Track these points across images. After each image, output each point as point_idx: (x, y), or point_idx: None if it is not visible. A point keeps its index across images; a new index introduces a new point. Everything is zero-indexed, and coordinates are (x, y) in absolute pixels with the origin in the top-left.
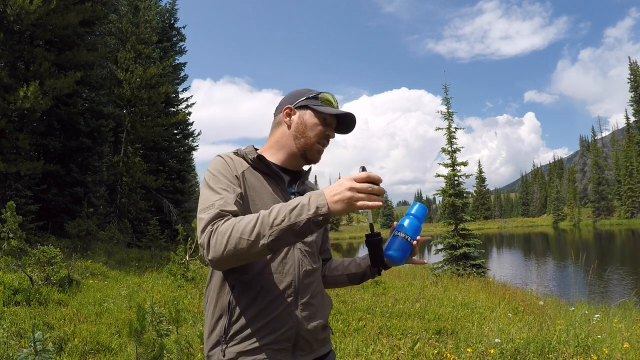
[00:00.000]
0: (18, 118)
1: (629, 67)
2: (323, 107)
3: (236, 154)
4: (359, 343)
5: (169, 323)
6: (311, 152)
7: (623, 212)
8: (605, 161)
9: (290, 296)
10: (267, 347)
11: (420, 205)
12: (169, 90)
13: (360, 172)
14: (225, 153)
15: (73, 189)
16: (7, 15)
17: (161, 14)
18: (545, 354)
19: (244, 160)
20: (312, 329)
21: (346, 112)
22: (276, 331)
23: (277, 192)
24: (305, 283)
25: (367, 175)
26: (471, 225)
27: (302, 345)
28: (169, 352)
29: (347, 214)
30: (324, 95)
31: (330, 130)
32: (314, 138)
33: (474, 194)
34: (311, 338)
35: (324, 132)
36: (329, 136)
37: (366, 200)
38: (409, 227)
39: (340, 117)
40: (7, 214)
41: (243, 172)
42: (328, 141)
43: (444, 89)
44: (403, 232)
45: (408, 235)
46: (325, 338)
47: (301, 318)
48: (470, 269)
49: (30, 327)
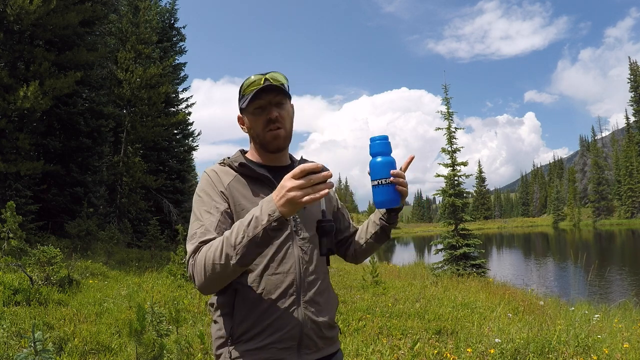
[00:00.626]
0: (18, 118)
1: (629, 67)
2: (245, 99)
3: (222, 164)
4: (359, 343)
5: (169, 323)
6: (268, 143)
7: (623, 212)
8: (605, 161)
9: (292, 295)
10: (272, 346)
11: (373, 139)
12: (169, 90)
13: (295, 168)
14: (211, 167)
15: (73, 189)
16: (7, 15)
17: (161, 14)
18: (545, 354)
19: (230, 169)
20: (316, 327)
21: (261, 87)
22: (280, 330)
23: (267, 192)
24: (309, 280)
25: (301, 169)
26: (471, 225)
27: (307, 343)
28: (169, 352)
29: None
30: (245, 85)
31: (269, 111)
32: (261, 130)
33: (474, 194)
34: (316, 336)
35: (264, 119)
36: (270, 119)
37: (310, 194)
38: (375, 169)
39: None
40: (7, 214)
41: (229, 183)
42: (275, 122)
43: (444, 89)
44: (374, 179)
45: (378, 180)
46: (332, 337)
47: (305, 316)
48: (470, 269)
49: (30, 327)
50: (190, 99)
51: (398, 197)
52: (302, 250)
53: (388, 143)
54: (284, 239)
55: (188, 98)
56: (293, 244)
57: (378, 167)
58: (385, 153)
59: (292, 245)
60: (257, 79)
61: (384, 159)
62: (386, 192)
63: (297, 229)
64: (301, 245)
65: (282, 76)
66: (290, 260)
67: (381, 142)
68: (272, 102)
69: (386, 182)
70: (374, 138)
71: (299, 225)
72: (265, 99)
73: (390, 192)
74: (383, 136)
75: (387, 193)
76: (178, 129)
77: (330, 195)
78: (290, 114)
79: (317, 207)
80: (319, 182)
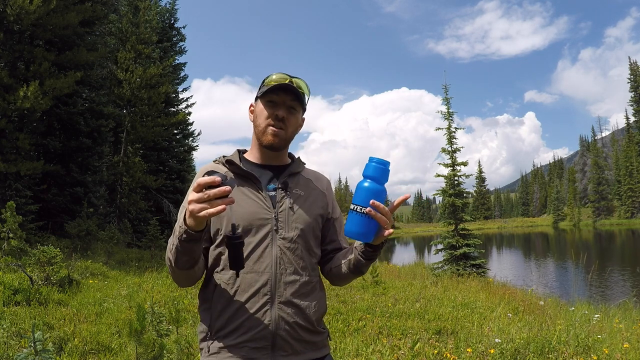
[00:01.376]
0: (18, 118)
1: (629, 67)
2: (266, 89)
3: (216, 161)
4: (359, 343)
5: (169, 323)
6: (264, 136)
7: (623, 212)
8: (605, 161)
9: (266, 294)
10: (244, 344)
11: (371, 159)
12: (169, 90)
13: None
14: (207, 164)
15: (73, 189)
16: (7, 15)
17: (161, 14)
18: (545, 354)
19: (222, 166)
20: (291, 329)
21: (283, 84)
22: (251, 330)
23: (252, 192)
24: (287, 281)
25: (197, 183)
26: (471, 225)
27: (282, 345)
28: (169, 352)
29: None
30: (269, 78)
31: (278, 109)
32: (263, 123)
33: (474, 194)
34: (292, 339)
35: (271, 113)
36: (277, 116)
37: (208, 208)
38: (358, 193)
39: (285, 91)
40: (7, 214)
41: None
42: (281, 121)
43: (444, 89)
44: (353, 203)
45: (355, 205)
46: (316, 342)
47: (278, 317)
48: (470, 269)
49: (30, 327)
50: (190, 99)
51: (370, 232)
52: (281, 250)
53: (386, 170)
54: (262, 237)
55: (188, 98)
56: (272, 244)
57: (360, 192)
58: (376, 179)
59: (271, 244)
60: (283, 77)
61: (371, 186)
62: (358, 222)
63: (277, 228)
64: (281, 245)
65: (306, 86)
66: (267, 260)
67: (377, 166)
68: (286, 103)
69: (361, 210)
70: (373, 158)
71: (281, 224)
72: (282, 97)
73: (363, 223)
74: (383, 160)
75: (358, 223)
76: (178, 129)
77: (325, 202)
78: (297, 123)
79: (309, 204)
80: (219, 197)
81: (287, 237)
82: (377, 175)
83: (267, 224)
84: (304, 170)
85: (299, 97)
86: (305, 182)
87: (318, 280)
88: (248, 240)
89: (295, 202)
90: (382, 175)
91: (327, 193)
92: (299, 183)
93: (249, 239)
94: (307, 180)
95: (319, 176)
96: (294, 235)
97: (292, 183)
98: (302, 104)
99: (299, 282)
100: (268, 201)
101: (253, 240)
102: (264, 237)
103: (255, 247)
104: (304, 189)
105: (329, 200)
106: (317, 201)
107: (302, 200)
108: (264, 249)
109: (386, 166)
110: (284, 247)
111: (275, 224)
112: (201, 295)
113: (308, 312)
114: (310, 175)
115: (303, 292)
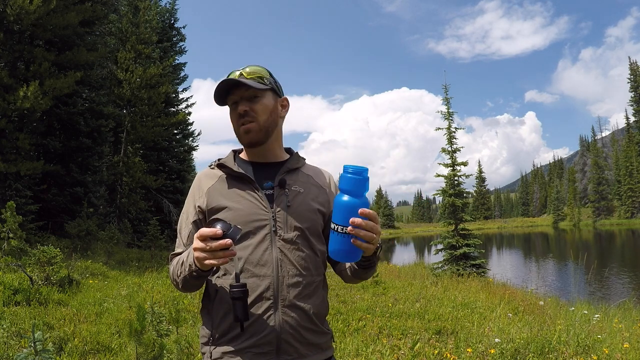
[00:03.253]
0: (18, 118)
1: (629, 67)
2: (217, 94)
3: (211, 166)
4: (359, 343)
5: (169, 323)
6: (241, 138)
7: (623, 212)
8: (605, 161)
9: (269, 299)
10: (249, 350)
11: (345, 168)
12: (169, 90)
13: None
14: (202, 171)
15: (73, 189)
16: (7, 15)
17: (161, 14)
18: (545, 354)
19: (217, 170)
20: (296, 332)
21: (223, 83)
22: (256, 335)
23: (247, 193)
24: (290, 283)
25: (200, 234)
26: (471, 225)
27: (287, 349)
28: (169, 352)
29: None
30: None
31: (238, 106)
32: (235, 125)
33: (474, 194)
34: (296, 342)
35: (236, 113)
36: (239, 114)
37: (210, 259)
38: (335, 211)
39: (228, 87)
40: (7, 214)
41: (211, 186)
42: (245, 116)
43: (444, 89)
44: (332, 222)
45: (337, 225)
46: (320, 344)
47: (283, 322)
48: (470, 269)
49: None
50: (191, 99)
51: (356, 251)
52: (281, 252)
53: (363, 180)
54: (261, 239)
55: (188, 98)
56: (272, 246)
57: (339, 209)
58: (353, 192)
59: (270, 247)
60: (233, 75)
61: (349, 201)
62: (341, 243)
63: (276, 229)
64: (281, 247)
65: (260, 69)
66: (268, 263)
67: (352, 178)
68: (244, 97)
69: (343, 230)
70: (347, 167)
71: (279, 225)
72: (237, 94)
73: (346, 243)
74: (359, 169)
75: (342, 244)
76: (178, 129)
77: (326, 198)
78: (268, 107)
79: (309, 201)
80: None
81: (286, 238)
82: (353, 188)
83: (265, 225)
84: (304, 166)
85: (253, 84)
86: (305, 178)
87: (322, 279)
88: (247, 243)
89: (294, 199)
90: (359, 186)
91: (327, 189)
92: (298, 179)
93: (248, 241)
94: (307, 177)
95: (320, 171)
96: (294, 236)
97: (290, 180)
98: (263, 88)
99: (302, 284)
100: (265, 200)
101: (252, 243)
102: (262, 239)
103: (256, 251)
104: (303, 185)
105: (330, 196)
106: (317, 197)
107: (301, 198)
108: (263, 251)
109: (363, 175)
110: (285, 249)
111: (273, 225)
112: (203, 299)
113: (312, 314)
114: (310, 171)
115: (306, 294)
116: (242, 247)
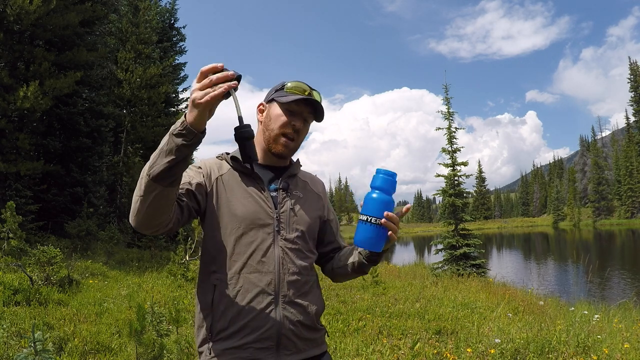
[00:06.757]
0: (18, 118)
1: (629, 67)
2: (287, 96)
3: (219, 157)
4: (359, 343)
5: (169, 323)
6: (275, 144)
7: (623, 212)
8: (605, 161)
9: (270, 295)
10: (249, 345)
11: (379, 171)
12: (169, 90)
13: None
14: (209, 158)
15: (73, 189)
16: (7, 15)
17: (161, 14)
18: (545, 354)
19: (225, 162)
20: (295, 328)
21: (306, 97)
22: (257, 330)
23: (254, 189)
24: (290, 281)
25: (200, 72)
26: (471, 225)
27: (286, 344)
28: (169, 352)
29: (342, 210)
30: (291, 84)
31: (296, 120)
32: (277, 130)
33: (474, 194)
34: (295, 337)
35: (288, 122)
36: (294, 126)
37: (210, 93)
38: (369, 205)
39: (306, 103)
40: (7, 214)
41: (221, 175)
42: (294, 131)
43: (444, 89)
44: (364, 214)
45: (368, 216)
46: (315, 339)
47: (283, 317)
48: (470, 269)
49: (30, 327)
50: None
51: (382, 242)
52: (283, 250)
53: (394, 182)
54: (265, 237)
55: (188, 98)
56: (275, 244)
57: (373, 203)
58: (385, 190)
59: (273, 244)
60: (304, 88)
61: (383, 197)
62: (371, 232)
63: (279, 229)
64: (283, 246)
65: (320, 98)
66: (270, 260)
67: (386, 178)
68: (304, 115)
69: (376, 221)
70: (380, 170)
71: (283, 225)
72: (302, 108)
73: (376, 233)
74: (391, 172)
75: (371, 233)
76: None
77: (322, 204)
78: (306, 133)
79: (308, 206)
80: (222, 81)
81: (288, 237)
82: (385, 187)
83: (269, 224)
84: (300, 172)
85: (317, 110)
86: (303, 184)
87: (316, 279)
88: (251, 239)
89: (296, 203)
90: (390, 186)
91: (322, 196)
92: (297, 185)
93: (251, 237)
94: (304, 183)
95: (315, 179)
96: (295, 236)
97: (292, 184)
98: (316, 117)
99: (301, 282)
100: (270, 201)
101: (255, 240)
102: (266, 237)
103: (259, 248)
104: (302, 191)
105: (324, 203)
106: (315, 203)
107: (302, 202)
108: (267, 249)
109: (394, 177)
110: (286, 248)
111: (277, 225)
112: (199, 296)
113: (310, 311)
114: (306, 177)
115: (304, 292)
116: (247, 243)
